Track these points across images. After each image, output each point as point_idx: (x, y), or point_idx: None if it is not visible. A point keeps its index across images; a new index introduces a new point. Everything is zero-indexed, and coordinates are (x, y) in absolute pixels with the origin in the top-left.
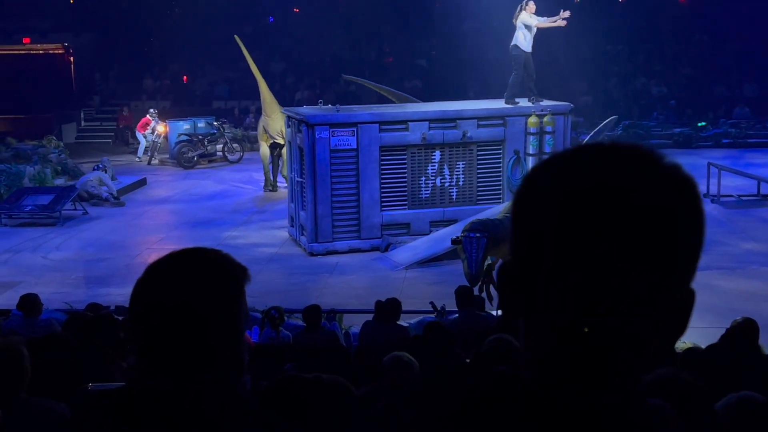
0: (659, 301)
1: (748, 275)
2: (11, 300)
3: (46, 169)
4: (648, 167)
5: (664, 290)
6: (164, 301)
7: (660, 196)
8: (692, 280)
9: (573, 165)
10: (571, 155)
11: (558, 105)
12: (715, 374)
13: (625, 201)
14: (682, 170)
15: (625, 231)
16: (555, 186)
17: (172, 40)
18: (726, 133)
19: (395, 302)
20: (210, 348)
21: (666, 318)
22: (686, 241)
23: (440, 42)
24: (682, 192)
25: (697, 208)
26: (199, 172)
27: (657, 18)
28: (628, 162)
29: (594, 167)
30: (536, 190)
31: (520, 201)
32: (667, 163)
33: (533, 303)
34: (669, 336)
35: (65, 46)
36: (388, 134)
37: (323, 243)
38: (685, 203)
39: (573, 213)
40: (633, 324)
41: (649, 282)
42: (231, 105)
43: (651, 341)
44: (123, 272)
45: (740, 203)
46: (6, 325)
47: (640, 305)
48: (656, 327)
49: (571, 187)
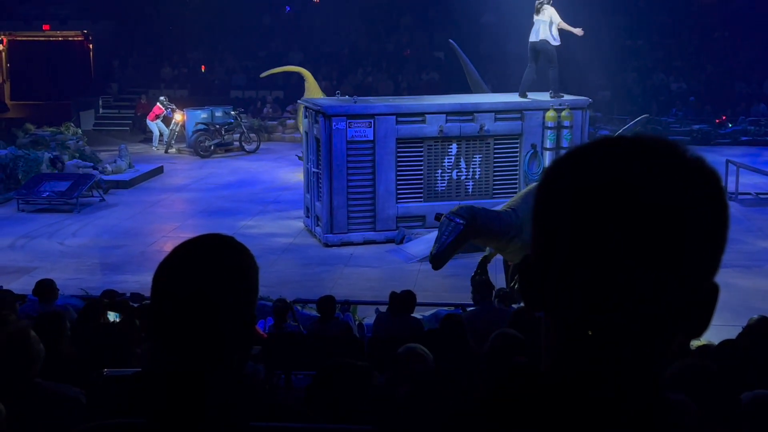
0: (678, 297)
1: (764, 274)
2: (27, 285)
3: (64, 156)
4: (669, 161)
5: (681, 286)
6: (180, 286)
7: (678, 191)
8: (715, 274)
9: (589, 160)
10: (589, 149)
11: (576, 99)
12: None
13: (635, 197)
14: (705, 163)
15: (636, 227)
16: (569, 181)
17: (191, 28)
18: (745, 130)
19: (410, 294)
20: (222, 335)
21: (688, 313)
22: (707, 236)
23: (459, 35)
24: (703, 186)
25: (719, 201)
26: (216, 162)
27: (677, 14)
28: (648, 156)
29: (609, 162)
30: (552, 185)
31: (538, 196)
32: (690, 157)
33: (548, 298)
34: (692, 331)
35: (84, 33)
36: (404, 126)
37: (338, 234)
38: (706, 197)
39: (584, 209)
40: (644, 321)
41: (664, 278)
42: (248, 95)
43: (671, 336)
44: (138, 259)
45: (758, 201)
46: (22, 310)
47: (651, 302)
48: (677, 322)
49: (584, 182)
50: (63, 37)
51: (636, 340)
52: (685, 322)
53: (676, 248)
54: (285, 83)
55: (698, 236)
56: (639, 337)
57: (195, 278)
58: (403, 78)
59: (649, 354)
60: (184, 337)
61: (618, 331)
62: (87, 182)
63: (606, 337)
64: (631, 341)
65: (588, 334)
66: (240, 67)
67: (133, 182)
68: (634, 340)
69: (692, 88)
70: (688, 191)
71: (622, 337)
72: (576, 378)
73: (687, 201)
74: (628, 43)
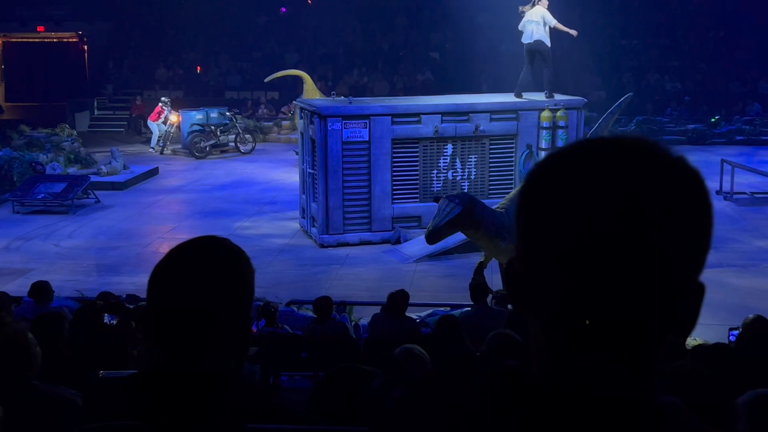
0: (662, 297)
1: (760, 273)
2: (23, 287)
3: (59, 157)
4: (651, 162)
5: (666, 286)
6: (177, 288)
7: (661, 191)
8: (700, 274)
9: (570, 162)
10: (570, 152)
11: (571, 99)
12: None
13: (618, 198)
14: (687, 163)
15: (620, 228)
16: (552, 183)
17: (186, 29)
18: (740, 130)
19: (403, 294)
20: (219, 337)
21: (673, 313)
22: (691, 235)
23: (454, 35)
24: (686, 185)
25: (702, 200)
26: (211, 163)
27: (672, 13)
28: (630, 157)
29: (591, 164)
30: (534, 188)
31: (521, 198)
32: (672, 157)
33: (534, 299)
34: (678, 331)
35: (79, 34)
36: (400, 127)
37: (334, 235)
38: (690, 196)
39: (565, 210)
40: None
41: (648, 278)
42: (244, 96)
43: (658, 337)
44: (134, 261)
45: (753, 200)
46: (17, 312)
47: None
48: (662, 323)
49: (566, 184)
50: (58, 38)
51: (621, 342)
52: (671, 323)
53: (660, 249)
54: (280, 84)
55: (682, 236)
56: (624, 339)
57: (191, 281)
58: (399, 78)
59: (636, 355)
60: (182, 339)
61: (603, 332)
62: (83, 184)
63: (591, 339)
64: (616, 343)
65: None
66: (235, 68)
67: (129, 184)
68: (619, 342)
69: (687, 88)
70: (671, 191)
71: (607, 338)
72: (562, 381)
73: (670, 201)
74: (623, 43)
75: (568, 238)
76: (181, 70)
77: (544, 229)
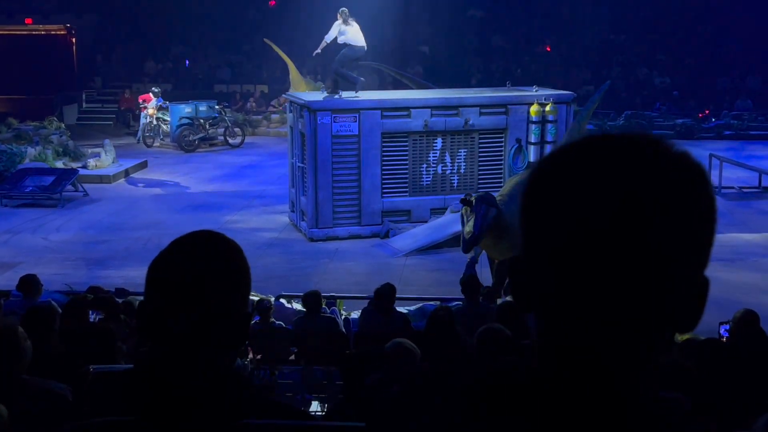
0: (667, 291)
1: (748, 267)
2: (11, 281)
3: (47, 150)
4: (655, 157)
5: (671, 281)
6: (174, 283)
7: (665, 186)
8: (705, 268)
9: (575, 159)
10: (575, 148)
11: (561, 94)
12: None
13: (623, 193)
14: (690, 158)
15: (624, 224)
16: (557, 181)
17: (175, 23)
18: (728, 124)
19: (389, 287)
20: (216, 332)
21: (678, 308)
22: (695, 230)
23: (443, 29)
24: (690, 180)
25: (706, 195)
26: (200, 156)
27: (661, 8)
28: (633, 153)
29: (596, 160)
30: (539, 186)
31: (525, 197)
32: (676, 152)
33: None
34: (682, 326)
35: (67, 27)
36: (390, 121)
37: (324, 229)
38: (693, 191)
39: (571, 207)
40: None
41: (653, 274)
42: (233, 89)
43: (661, 332)
44: (123, 254)
45: (741, 195)
46: (6, 306)
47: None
48: (666, 318)
49: (571, 181)
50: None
51: (625, 338)
52: (675, 317)
53: (657, 247)
54: (270, 77)
55: (682, 233)
56: (628, 335)
57: (189, 275)
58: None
59: (639, 350)
60: (178, 333)
61: (607, 329)
62: (71, 177)
63: (595, 336)
64: (620, 339)
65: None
66: (224, 61)
67: (117, 177)
68: (623, 338)
69: (676, 83)
70: (674, 186)
71: (611, 335)
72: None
73: (674, 196)
74: (611, 38)
75: (561, 236)
76: (169, 63)
77: (541, 227)
